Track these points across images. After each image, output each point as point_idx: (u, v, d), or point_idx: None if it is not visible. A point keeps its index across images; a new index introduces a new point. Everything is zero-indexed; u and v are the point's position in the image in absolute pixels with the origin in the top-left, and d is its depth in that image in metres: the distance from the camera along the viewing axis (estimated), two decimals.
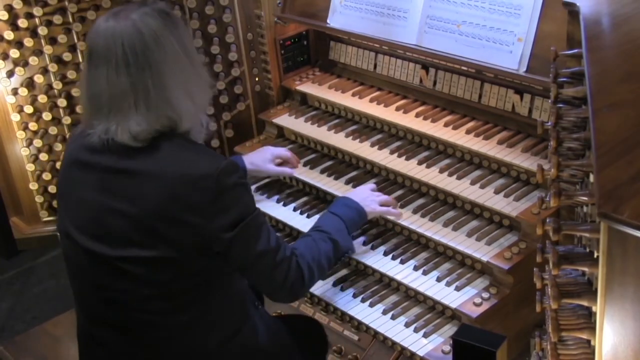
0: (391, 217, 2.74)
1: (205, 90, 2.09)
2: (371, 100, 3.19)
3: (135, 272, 1.97)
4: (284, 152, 3.05)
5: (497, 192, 2.66)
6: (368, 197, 2.67)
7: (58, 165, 3.79)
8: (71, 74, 3.63)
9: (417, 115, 3.03)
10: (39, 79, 3.63)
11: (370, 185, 2.80)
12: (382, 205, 2.69)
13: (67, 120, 3.72)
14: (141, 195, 1.93)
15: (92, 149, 1.97)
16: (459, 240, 2.59)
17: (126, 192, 1.94)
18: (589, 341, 1.71)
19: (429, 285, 2.55)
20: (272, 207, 3.03)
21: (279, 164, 3.02)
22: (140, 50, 1.90)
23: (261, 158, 2.98)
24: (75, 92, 3.65)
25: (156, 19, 1.94)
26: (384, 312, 2.56)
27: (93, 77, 1.95)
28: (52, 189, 3.87)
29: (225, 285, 2.08)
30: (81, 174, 2.03)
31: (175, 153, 1.95)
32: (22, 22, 3.54)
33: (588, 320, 1.69)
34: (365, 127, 3.17)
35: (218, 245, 1.97)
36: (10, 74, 3.63)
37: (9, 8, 3.53)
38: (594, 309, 1.62)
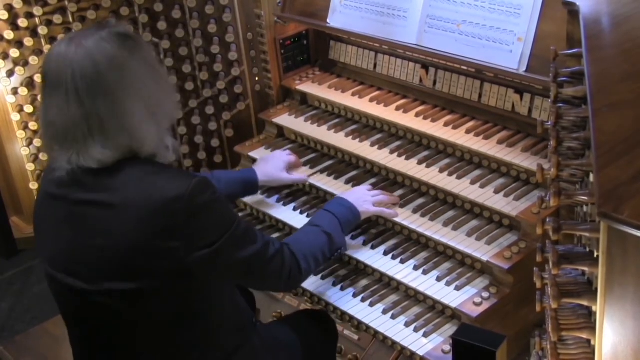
0: (388, 217, 2.74)
1: (171, 109, 2.01)
2: (371, 100, 3.19)
3: (117, 305, 1.91)
4: (290, 157, 3.02)
5: (497, 191, 2.66)
6: (362, 198, 2.67)
7: None
8: None
9: (417, 115, 3.03)
10: (39, 78, 3.62)
11: (366, 186, 2.81)
12: (377, 205, 2.69)
13: None
14: (113, 227, 1.85)
15: (59, 182, 1.90)
16: (459, 240, 2.59)
17: (98, 225, 1.87)
18: (589, 341, 1.71)
19: (429, 284, 2.55)
20: (271, 207, 3.03)
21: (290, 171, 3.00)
22: (93, 79, 1.82)
23: (274, 167, 2.94)
24: None
25: (113, 43, 1.85)
26: (384, 312, 2.56)
27: (47, 106, 1.87)
28: None
29: (215, 311, 2.02)
30: (51, 209, 1.96)
31: (142, 179, 1.87)
32: (22, 22, 3.54)
33: (588, 320, 1.69)
34: (365, 126, 3.17)
35: (199, 266, 1.90)
36: (10, 73, 3.63)
37: (9, 8, 3.53)
38: (594, 308, 1.62)
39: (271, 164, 2.97)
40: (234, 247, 1.97)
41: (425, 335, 2.45)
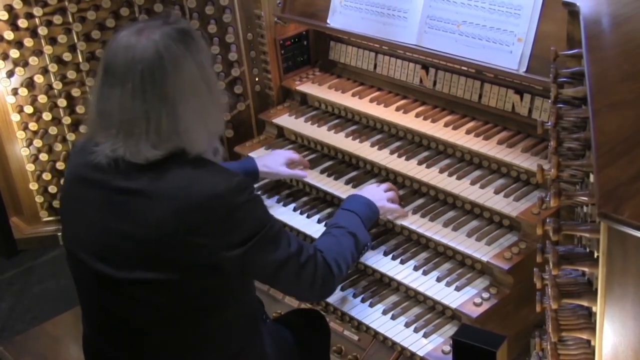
0: (394, 216, 2.74)
1: (221, 117, 2.04)
2: (371, 100, 3.19)
3: (143, 294, 1.92)
4: (292, 155, 3.04)
5: (497, 192, 2.66)
6: (377, 194, 2.67)
7: (58, 165, 3.80)
8: (71, 74, 3.63)
9: (417, 115, 3.03)
10: (39, 79, 3.63)
11: (375, 184, 2.82)
12: (390, 201, 2.70)
13: (67, 120, 3.72)
14: (149, 217, 1.87)
15: (98, 167, 1.90)
16: (459, 240, 2.59)
17: (133, 213, 1.88)
18: (589, 341, 1.71)
19: (429, 285, 2.55)
20: (271, 208, 3.03)
21: (290, 167, 3.01)
22: (159, 78, 1.83)
23: (274, 161, 2.96)
24: (75, 92, 3.65)
25: (178, 42, 1.87)
26: (384, 312, 2.56)
27: (105, 95, 1.88)
28: (52, 189, 3.87)
29: (235, 304, 2.04)
30: (86, 193, 1.96)
31: (184, 173, 1.89)
32: (22, 22, 3.54)
33: (588, 321, 1.69)
34: (365, 127, 3.17)
35: (231, 263, 1.92)
36: (10, 74, 3.63)
37: (9, 8, 3.53)
38: (594, 309, 1.62)
39: (272, 157, 3.01)
40: (265, 247, 1.98)
41: (426, 335, 2.45)
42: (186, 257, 1.88)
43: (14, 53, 3.59)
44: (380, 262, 2.67)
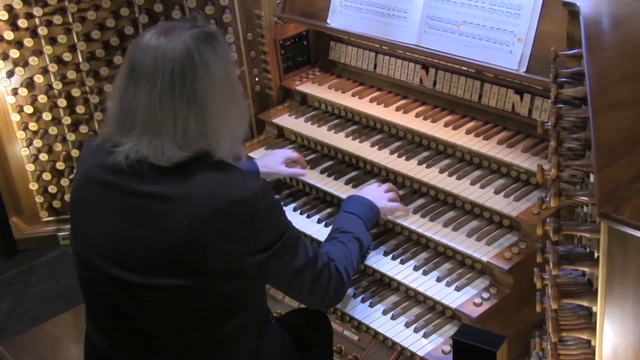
0: (397, 215, 2.73)
1: (244, 122, 2.02)
2: (371, 101, 3.19)
3: (160, 300, 1.89)
4: (291, 153, 3.04)
5: (497, 192, 2.66)
6: (377, 194, 2.67)
7: (58, 165, 3.79)
8: (71, 74, 3.63)
9: (417, 115, 3.03)
10: (39, 79, 3.62)
11: (375, 184, 2.82)
12: (390, 201, 2.70)
13: (67, 120, 3.72)
14: (170, 222, 1.83)
15: (115, 169, 1.87)
16: (459, 241, 2.59)
17: (153, 218, 1.85)
18: (589, 341, 1.71)
19: (429, 285, 2.55)
20: None
21: (289, 166, 3.01)
22: (190, 79, 1.82)
23: (273, 160, 2.97)
24: (75, 92, 3.65)
25: (208, 45, 1.86)
26: (384, 312, 2.56)
27: (131, 94, 1.85)
28: (52, 189, 3.87)
29: (250, 309, 2.03)
30: (101, 196, 1.92)
31: (208, 178, 1.86)
32: (22, 22, 3.53)
33: (588, 321, 1.69)
34: (365, 127, 3.17)
35: (253, 268, 1.91)
36: (10, 74, 3.63)
37: (9, 8, 3.52)
38: (594, 309, 1.62)
39: (271, 157, 3.01)
40: (286, 253, 1.97)
41: (426, 335, 2.45)
42: (209, 263, 1.86)
43: (14, 53, 3.59)
44: (380, 262, 2.67)
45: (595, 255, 1.55)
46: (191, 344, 1.96)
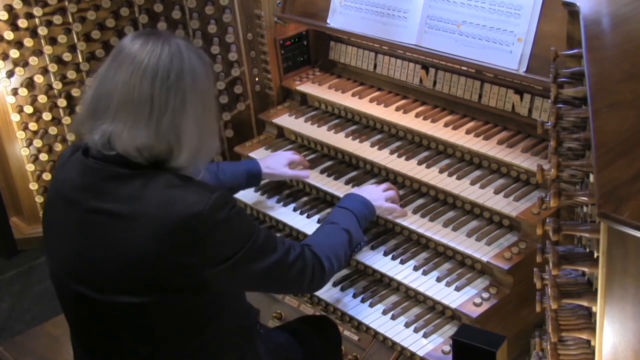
0: (395, 215, 2.74)
1: (213, 141, 1.99)
2: (371, 100, 3.19)
3: (127, 317, 1.88)
4: (293, 156, 3.03)
5: (497, 192, 2.66)
6: (374, 193, 2.67)
7: None
8: (71, 74, 3.63)
9: (417, 115, 3.03)
10: (39, 79, 3.62)
11: (375, 184, 2.82)
12: (389, 200, 2.70)
13: (67, 120, 3.72)
14: (128, 240, 1.82)
15: (74, 186, 1.87)
16: (459, 240, 2.59)
17: (112, 236, 1.83)
18: (589, 341, 1.71)
19: (429, 285, 2.55)
20: (271, 208, 3.03)
21: (292, 168, 3.00)
22: (175, 73, 1.82)
23: (277, 162, 2.95)
24: (75, 92, 3.65)
25: (197, 55, 1.88)
26: (384, 312, 2.56)
27: (111, 76, 1.83)
28: None
29: (225, 319, 2.00)
30: (63, 212, 1.92)
31: (162, 191, 1.83)
32: (22, 22, 3.53)
33: (588, 321, 1.69)
34: (365, 127, 3.17)
35: (216, 280, 1.88)
36: (10, 74, 3.62)
37: (9, 8, 3.52)
38: (594, 309, 1.62)
39: (274, 158, 3.00)
40: (252, 259, 1.94)
41: (425, 335, 2.45)
42: (170, 278, 1.84)
43: (14, 53, 3.58)
44: (380, 262, 2.67)
45: (595, 255, 1.55)
46: (165, 356, 1.95)
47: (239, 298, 2.10)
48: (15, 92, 3.66)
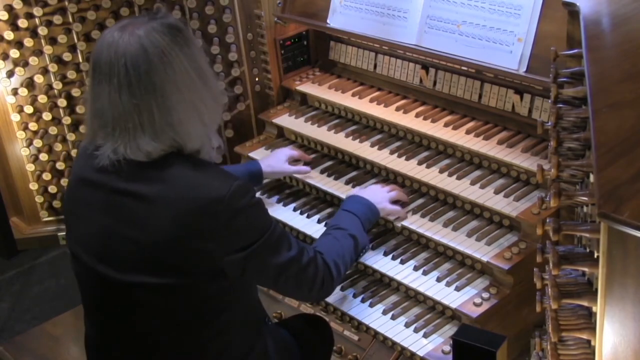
0: (395, 217, 2.74)
1: (217, 110, 2.00)
2: (371, 100, 3.19)
3: (144, 298, 1.92)
4: (292, 151, 3.05)
5: (497, 192, 2.66)
6: (378, 195, 2.67)
7: (58, 165, 3.80)
8: (71, 74, 3.63)
9: (417, 115, 3.03)
10: (39, 79, 3.62)
11: (379, 184, 2.82)
12: (392, 201, 2.70)
13: (67, 120, 3.72)
14: (150, 221, 1.86)
15: (101, 169, 1.89)
16: (459, 240, 2.59)
17: (135, 217, 1.88)
18: (589, 341, 1.71)
19: (429, 285, 2.55)
20: (272, 208, 3.02)
21: (292, 164, 3.02)
22: (144, 71, 1.81)
23: (277, 159, 2.98)
24: (75, 92, 3.65)
25: (164, 35, 1.85)
26: (384, 312, 2.56)
27: (97, 94, 1.87)
28: (52, 189, 3.87)
29: (237, 308, 2.03)
30: (88, 194, 1.96)
31: (185, 176, 1.87)
32: (22, 22, 3.53)
33: (588, 321, 1.69)
34: (365, 127, 3.17)
35: (232, 268, 1.92)
36: (10, 74, 3.63)
37: (9, 8, 3.53)
38: (594, 309, 1.62)
39: (275, 156, 3.01)
40: (267, 252, 1.98)
41: (426, 335, 2.45)
42: (188, 262, 1.87)
43: (14, 53, 3.59)
44: (380, 262, 2.67)
45: (595, 255, 1.55)
46: (180, 342, 1.98)
47: (252, 290, 2.12)
48: (15, 92, 3.66)
